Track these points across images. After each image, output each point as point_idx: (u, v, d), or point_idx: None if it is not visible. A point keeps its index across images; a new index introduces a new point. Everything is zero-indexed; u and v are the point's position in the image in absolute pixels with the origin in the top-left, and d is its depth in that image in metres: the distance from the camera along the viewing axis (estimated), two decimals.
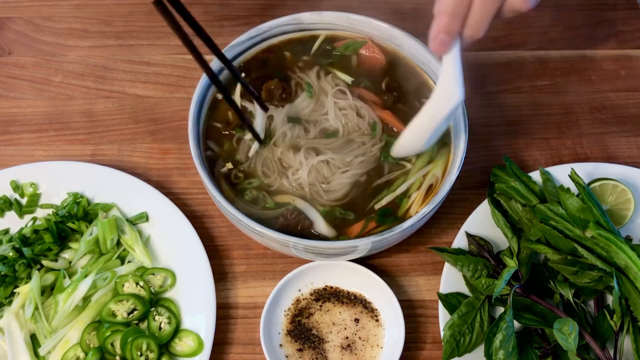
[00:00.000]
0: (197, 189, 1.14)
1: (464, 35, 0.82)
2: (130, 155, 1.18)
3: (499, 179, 1.07)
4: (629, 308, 0.93)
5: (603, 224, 0.96)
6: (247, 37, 1.07)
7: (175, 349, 0.98)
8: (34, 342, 0.97)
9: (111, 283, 1.00)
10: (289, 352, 0.99)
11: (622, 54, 1.31)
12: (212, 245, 1.09)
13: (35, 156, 1.18)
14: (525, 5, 0.79)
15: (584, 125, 1.23)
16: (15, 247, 1.01)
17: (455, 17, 0.79)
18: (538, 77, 1.28)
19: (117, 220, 1.05)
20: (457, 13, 0.79)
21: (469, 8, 0.79)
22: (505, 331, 0.91)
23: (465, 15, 0.80)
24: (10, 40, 1.31)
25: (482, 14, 0.79)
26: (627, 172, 1.11)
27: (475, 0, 0.78)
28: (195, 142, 0.97)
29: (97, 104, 1.24)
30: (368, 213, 0.98)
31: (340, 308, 1.02)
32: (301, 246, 0.92)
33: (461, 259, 1.00)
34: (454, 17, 0.79)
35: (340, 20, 1.09)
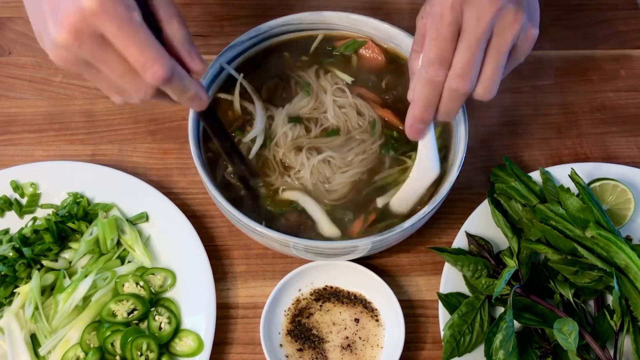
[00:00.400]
0: (197, 189, 1.14)
1: (437, 118, 0.87)
2: (130, 155, 1.18)
3: (499, 179, 1.07)
4: (629, 308, 0.93)
5: (603, 224, 0.96)
6: (247, 37, 1.07)
7: (175, 349, 0.98)
8: (34, 342, 0.97)
9: (111, 283, 1.00)
10: (289, 352, 0.99)
11: (622, 54, 1.31)
12: (212, 245, 1.09)
13: (35, 156, 1.18)
14: (487, 97, 0.84)
15: (584, 125, 1.23)
16: (15, 247, 1.01)
17: (427, 109, 0.85)
18: (538, 77, 1.28)
19: (117, 220, 1.05)
20: (430, 105, 0.84)
21: (440, 97, 0.84)
22: (505, 331, 0.91)
23: (437, 104, 0.84)
24: (10, 40, 1.31)
25: (451, 106, 0.84)
26: (627, 172, 1.11)
27: (444, 95, 0.83)
28: (195, 142, 0.97)
29: (97, 104, 1.24)
30: (367, 208, 0.99)
31: (340, 308, 1.02)
32: (301, 246, 0.92)
33: (461, 259, 1.00)
34: (427, 108, 0.85)
35: (341, 20, 1.09)
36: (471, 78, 0.81)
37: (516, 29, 0.80)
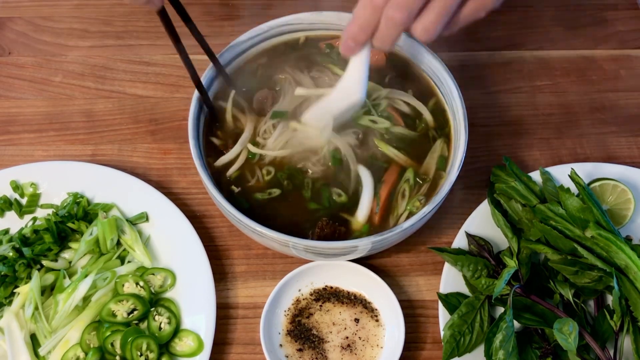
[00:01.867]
0: (197, 189, 1.14)
1: (373, 43, 0.87)
2: (130, 155, 1.18)
3: (499, 179, 1.07)
4: (629, 308, 0.93)
5: (603, 224, 0.96)
6: (247, 37, 1.07)
7: (175, 349, 0.98)
8: (34, 342, 0.97)
9: (111, 283, 1.00)
10: (289, 352, 0.99)
11: (622, 54, 1.31)
12: (212, 245, 1.09)
13: (35, 156, 1.18)
14: (424, 37, 0.83)
15: (584, 125, 1.23)
16: (15, 247, 1.01)
17: (363, 30, 0.85)
18: (538, 77, 1.28)
19: (117, 220, 1.05)
20: (366, 27, 0.84)
21: (377, 24, 0.84)
22: (505, 331, 0.91)
23: (374, 29, 0.84)
24: (10, 40, 1.32)
25: (387, 33, 0.84)
26: (627, 172, 1.11)
27: (381, 21, 0.83)
28: (195, 143, 0.97)
29: (97, 104, 1.24)
30: None
31: (340, 308, 1.02)
32: (301, 246, 0.92)
33: (461, 259, 1.00)
34: (363, 30, 0.85)
35: (341, 20, 1.09)
36: (409, 11, 0.80)
37: None
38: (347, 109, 0.97)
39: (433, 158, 1.01)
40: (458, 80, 1.02)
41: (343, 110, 0.97)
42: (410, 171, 1.00)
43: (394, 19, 0.81)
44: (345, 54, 0.90)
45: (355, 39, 0.87)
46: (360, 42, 0.87)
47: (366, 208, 0.98)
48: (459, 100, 1.01)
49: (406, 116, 1.05)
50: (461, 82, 1.03)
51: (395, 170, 1.01)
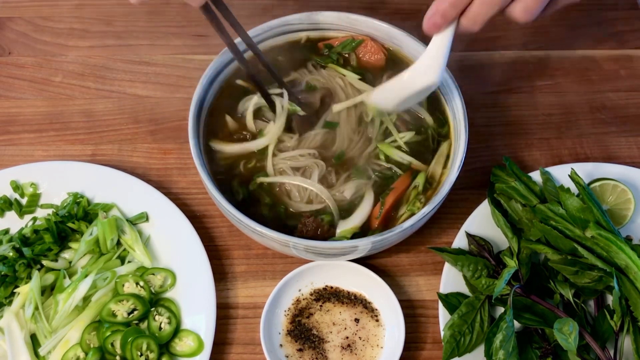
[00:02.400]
0: (197, 189, 1.14)
1: (460, 23, 0.83)
2: (130, 155, 1.18)
3: (499, 179, 1.07)
4: (629, 308, 0.93)
5: (603, 224, 0.96)
6: None
7: (175, 349, 0.98)
8: (34, 342, 0.97)
9: (111, 283, 1.00)
10: (289, 352, 0.99)
11: (622, 54, 1.31)
12: (212, 245, 1.09)
13: (35, 156, 1.18)
14: (524, 17, 0.80)
15: (584, 125, 1.23)
16: (15, 247, 1.01)
17: (454, 7, 0.80)
18: (538, 77, 1.28)
19: (117, 220, 1.05)
20: (458, 3, 0.80)
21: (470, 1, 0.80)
22: (505, 331, 0.91)
23: (466, 5, 0.80)
24: (10, 40, 1.32)
25: (481, 11, 0.80)
26: (627, 172, 1.11)
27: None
28: (195, 142, 0.97)
29: (97, 104, 1.24)
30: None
31: (340, 308, 1.02)
32: (301, 246, 0.92)
33: (461, 259, 1.00)
34: (454, 6, 0.80)
35: (341, 20, 1.09)
36: None
37: None
38: (420, 90, 0.90)
39: (440, 162, 1.02)
40: (458, 80, 1.02)
41: (416, 91, 0.90)
42: (422, 176, 1.00)
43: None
44: (430, 31, 0.84)
45: (444, 14, 0.81)
46: (449, 19, 0.82)
47: (359, 220, 0.98)
48: (459, 100, 1.01)
49: (411, 122, 1.05)
50: (461, 82, 1.03)
51: (407, 177, 1.01)
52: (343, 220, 0.98)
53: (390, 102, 0.95)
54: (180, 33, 1.33)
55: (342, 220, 0.98)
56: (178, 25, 1.34)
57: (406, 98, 0.93)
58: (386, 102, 0.96)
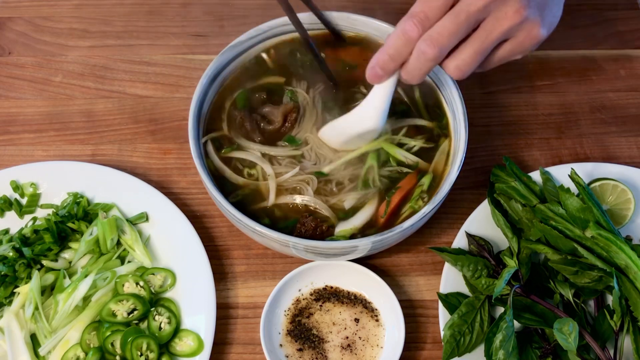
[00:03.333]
0: (197, 189, 1.14)
1: (400, 76, 0.86)
2: (130, 155, 1.18)
3: (499, 179, 1.07)
4: (629, 308, 0.93)
5: (603, 224, 0.96)
6: (247, 37, 1.07)
7: (175, 348, 0.98)
8: (34, 342, 0.97)
9: (111, 283, 1.00)
10: (289, 352, 0.99)
11: (622, 54, 1.31)
12: (212, 245, 1.09)
13: (35, 156, 1.18)
14: (455, 75, 0.83)
15: (584, 125, 1.23)
16: (15, 247, 1.01)
17: (393, 60, 0.84)
18: (538, 77, 1.28)
19: (117, 220, 1.05)
20: (396, 57, 0.83)
21: (408, 56, 0.82)
22: (505, 331, 0.91)
23: (404, 60, 0.83)
24: (10, 40, 1.31)
25: (416, 67, 0.82)
26: (627, 172, 1.11)
27: (413, 54, 0.81)
28: (195, 142, 0.97)
29: (97, 104, 1.24)
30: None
31: (340, 308, 1.02)
32: (301, 246, 0.92)
33: (461, 259, 1.00)
34: (393, 59, 0.83)
35: (341, 20, 1.09)
36: (442, 47, 0.79)
37: (515, 21, 0.79)
38: (361, 133, 0.96)
39: (441, 160, 1.02)
40: (458, 81, 1.02)
41: (357, 133, 0.96)
42: (428, 177, 1.00)
43: (426, 54, 0.79)
44: (372, 80, 0.88)
45: (384, 67, 0.85)
46: (388, 72, 0.86)
47: (359, 222, 0.97)
48: (459, 100, 1.01)
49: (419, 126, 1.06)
50: (461, 82, 1.03)
51: (414, 176, 1.00)
52: (343, 221, 0.98)
53: (335, 140, 1.00)
54: (180, 33, 1.33)
55: (343, 221, 0.98)
56: (178, 25, 1.34)
57: (348, 139, 0.98)
58: (333, 140, 1.01)
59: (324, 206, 0.98)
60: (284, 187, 1.00)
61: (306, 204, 0.99)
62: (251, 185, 1.00)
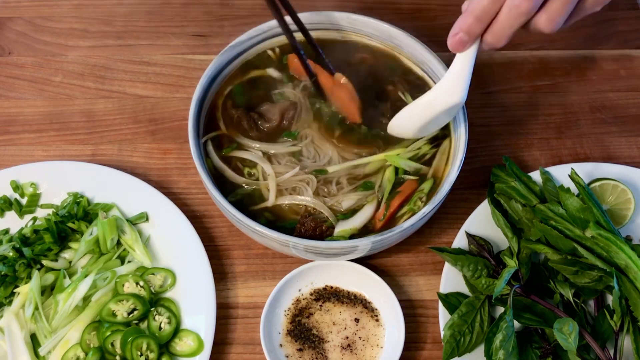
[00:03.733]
0: (197, 189, 1.14)
1: (484, 40, 0.82)
2: (130, 155, 1.18)
3: (499, 179, 1.07)
4: (629, 308, 0.93)
5: (603, 224, 0.96)
6: (247, 37, 1.07)
7: (175, 348, 0.98)
8: (34, 342, 0.97)
9: (111, 283, 1.00)
10: (289, 352, 0.99)
11: (622, 54, 1.31)
12: (212, 245, 1.09)
13: (35, 156, 1.18)
14: (548, 28, 0.80)
15: (584, 125, 1.23)
16: (15, 247, 1.01)
17: (480, 21, 0.80)
18: (538, 77, 1.28)
19: (117, 220, 1.05)
20: (484, 17, 0.79)
21: (496, 15, 0.79)
22: (505, 331, 0.91)
23: (491, 21, 0.80)
24: (10, 40, 1.32)
25: (506, 25, 0.79)
26: (627, 172, 1.11)
27: (503, 10, 0.78)
28: (195, 142, 0.97)
29: (97, 104, 1.24)
30: None
31: (340, 308, 1.02)
32: (301, 246, 0.92)
33: (461, 259, 1.00)
34: (479, 20, 0.80)
35: (341, 21, 1.09)
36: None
37: None
38: (444, 110, 0.90)
39: (442, 160, 1.02)
40: None
41: (440, 112, 0.90)
42: (429, 182, 1.00)
43: (520, 7, 0.76)
44: (456, 48, 0.83)
45: (469, 31, 0.80)
46: (474, 36, 0.81)
47: (359, 222, 0.98)
48: None
49: None
50: None
51: (415, 181, 1.00)
52: (343, 221, 0.98)
53: (410, 127, 0.95)
54: (180, 33, 1.33)
55: (342, 221, 0.98)
56: (178, 25, 1.34)
57: (429, 121, 0.92)
58: (406, 129, 0.96)
59: (323, 207, 0.98)
60: (283, 188, 1.00)
61: (306, 204, 0.99)
62: (251, 185, 1.01)
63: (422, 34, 1.09)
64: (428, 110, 0.91)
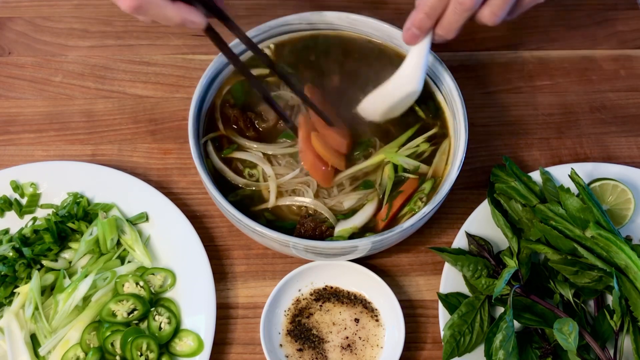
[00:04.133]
0: (197, 189, 1.14)
1: (436, 34, 0.90)
2: (130, 155, 1.18)
3: (499, 179, 1.07)
4: (629, 308, 0.93)
5: (603, 224, 0.96)
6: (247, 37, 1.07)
7: (175, 349, 0.98)
8: (34, 342, 0.97)
9: (111, 283, 1.00)
10: (289, 352, 0.99)
11: (622, 54, 1.31)
12: (212, 245, 1.09)
13: (35, 156, 1.18)
14: (491, 20, 0.87)
15: (584, 125, 1.23)
16: (15, 247, 1.01)
17: (429, 17, 0.88)
18: (538, 77, 1.28)
19: (117, 220, 1.05)
20: (432, 13, 0.87)
21: (444, 10, 0.87)
22: (505, 331, 0.91)
23: (440, 16, 0.88)
24: (10, 40, 1.31)
25: (453, 19, 0.87)
26: (627, 172, 1.11)
27: (450, 7, 0.86)
28: (195, 142, 0.97)
29: (97, 104, 1.24)
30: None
31: (340, 308, 1.02)
32: (301, 246, 0.92)
33: (461, 259, 1.00)
34: (429, 16, 0.88)
35: (341, 21, 1.09)
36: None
37: None
38: (402, 98, 0.97)
39: (442, 160, 1.02)
40: (458, 80, 1.02)
41: (398, 99, 0.97)
42: (430, 182, 1.00)
43: (464, 4, 0.83)
44: (409, 42, 0.92)
45: (420, 26, 0.88)
46: (425, 30, 0.89)
47: (359, 221, 0.98)
48: (459, 100, 1.01)
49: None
50: (461, 82, 1.03)
51: (416, 180, 1.00)
52: (343, 220, 0.98)
53: (374, 112, 1.01)
54: (180, 33, 1.33)
55: (342, 220, 0.98)
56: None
57: (390, 107, 0.99)
58: (373, 113, 1.01)
59: (324, 208, 0.98)
60: (284, 189, 1.00)
61: (306, 206, 0.99)
62: (251, 185, 1.00)
63: None
64: (388, 97, 0.98)
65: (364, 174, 1.02)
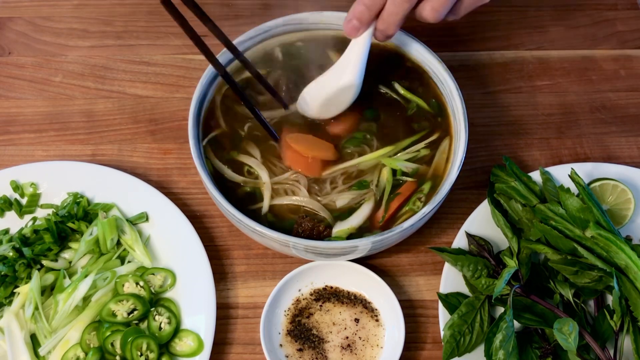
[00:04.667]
0: (197, 189, 1.14)
1: (377, 28, 0.90)
2: (130, 155, 1.18)
3: (499, 179, 1.07)
4: (629, 308, 0.93)
5: (603, 224, 0.96)
6: (247, 37, 1.07)
7: (175, 349, 0.98)
8: (34, 342, 0.97)
9: (111, 283, 1.00)
10: (289, 352, 0.99)
11: (622, 54, 1.31)
12: (212, 245, 1.09)
13: (35, 156, 1.18)
14: (432, 17, 0.87)
15: (584, 125, 1.23)
16: (15, 247, 1.01)
17: (369, 9, 0.87)
18: (538, 77, 1.28)
19: (117, 220, 1.05)
20: (372, 6, 0.87)
21: (383, 3, 0.86)
22: (505, 331, 0.91)
23: (380, 7, 0.87)
24: (10, 40, 1.32)
25: (393, 12, 0.86)
26: (627, 172, 1.11)
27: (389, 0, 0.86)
28: (195, 142, 0.97)
29: (97, 104, 1.24)
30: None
31: (340, 308, 1.02)
32: (301, 246, 0.92)
33: (461, 259, 1.00)
34: (369, 8, 0.87)
35: (341, 20, 1.09)
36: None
37: None
38: (338, 90, 0.96)
39: (442, 160, 1.02)
40: (458, 80, 1.02)
41: (334, 91, 0.96)
42: (428, 184, 1.00)
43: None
44: (349, 34, 0.91)
45: (360, 18, 0.87)
46: (365, 22, 0.88)
47: (356, 222, 0.97)
48: (459, 100, 1.01)
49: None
50: (461, 82, 1.03)
51: (414, 183, 1.00)
52: (341, 221, 0.98)
53: (310, 106, 1.00)
54: (180, 33, 1.31)
55: (340, 221, 0.98)
56: (178, 25, 1.34)
57: (326, 99, 0.98)
58: (308, 107, 1.00)
59: (319, 206, 0.98)
60: (280, 188, 1.00)
61: (301, 205, 0.99)
62: (250, 184, 1.00)
63: (422, 34, 1.09)
64: (323, 90, 0.97)
65: (358, 171, 1.02)
